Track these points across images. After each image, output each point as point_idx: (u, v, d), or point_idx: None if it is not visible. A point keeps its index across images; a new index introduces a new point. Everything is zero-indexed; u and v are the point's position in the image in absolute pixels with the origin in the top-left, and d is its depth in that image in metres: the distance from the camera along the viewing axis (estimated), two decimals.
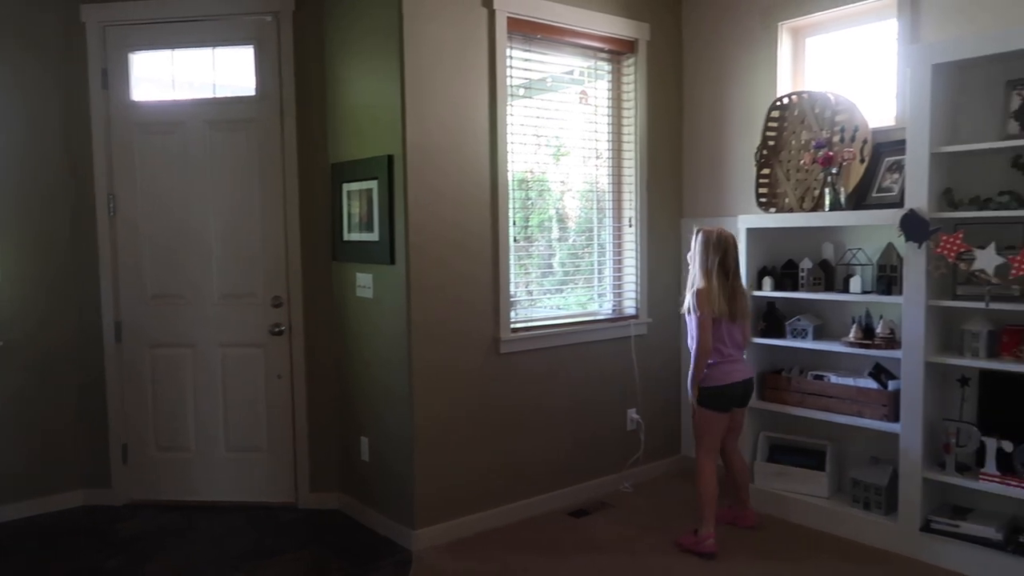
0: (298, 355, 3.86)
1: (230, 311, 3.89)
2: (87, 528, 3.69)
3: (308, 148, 3.79)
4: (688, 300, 3.34)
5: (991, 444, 3.01)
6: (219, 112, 3.82)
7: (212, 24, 3.78)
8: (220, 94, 3.86)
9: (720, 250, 3.29)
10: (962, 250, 3.00)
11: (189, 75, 3.89)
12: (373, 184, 3.46)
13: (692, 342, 3.37)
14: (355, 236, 3.64)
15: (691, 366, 3.35)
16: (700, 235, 3.36)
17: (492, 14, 3.48)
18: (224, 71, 3.86)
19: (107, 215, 3.87)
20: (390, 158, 3.35)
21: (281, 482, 3.94)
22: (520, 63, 3.69)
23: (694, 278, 3.35)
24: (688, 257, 3.46)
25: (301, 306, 3.84)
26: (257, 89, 3.79)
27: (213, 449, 3.96)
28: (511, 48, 3.61)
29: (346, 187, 3.67)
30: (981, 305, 2.99)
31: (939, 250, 3.05)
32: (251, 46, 3.78)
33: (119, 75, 3.83)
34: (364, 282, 3.60)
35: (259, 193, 3.82)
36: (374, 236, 3.49)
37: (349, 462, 3.83)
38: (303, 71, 3.75)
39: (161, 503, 3.96)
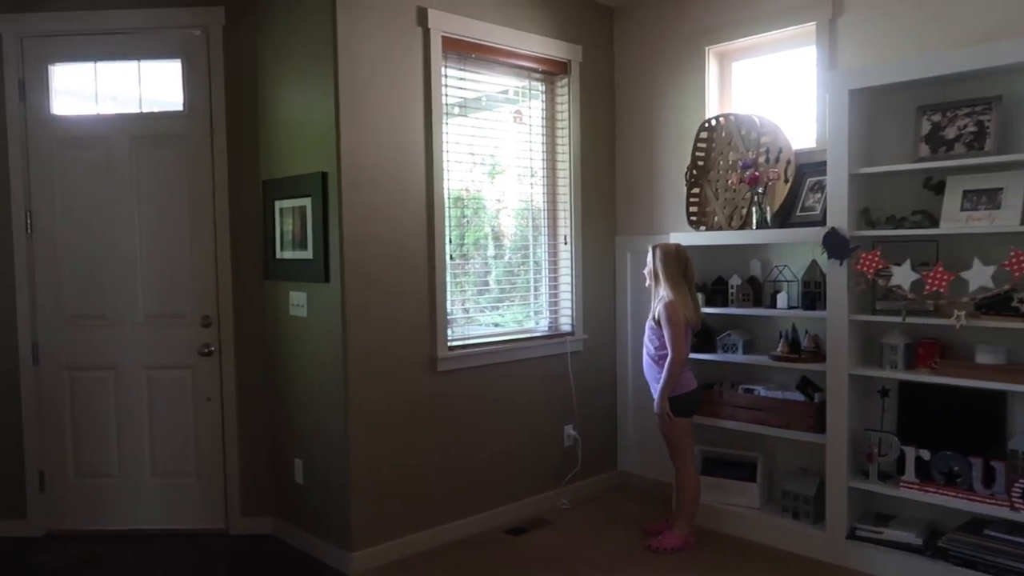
0: (228, 376, 3.76)
1: (156, 332, 3.77)
2: (0, 561, 3.50)
3: (239, 164, 3.71)
4: (657, 311, 3.44)
5: (910, 453, 3.14)
6: (145, 127, 3.71)
7: (138, 37, 3.68)
8: (146, 109, 3.75)
9: (682, 263, 3.49)
10: (880, 267, 3.14)
11: (113, 89, 3.77)
12: (307, 201, 3.42)
13: (655, 351, 3.50)
14: (288, 254, 3.57)
15: (664, 376, 3.44)
16: (659, 250, 3.51)
17: (427, 33, 3.49)
18: (151, 85, 3.76)
19: (24, 232, 3.70)
20: (324, 175, 3.31)
21: (211, 507, 3.81)
22: (455, 82, 3.71)
23: (662, 290, 3.47)
24: (645, 272, 3.60)
25: (232, 326, 3.75)
26: (185, 104, 3.71)
27: (138, 475, 3.81)
28: (446, 67, 3.63)
29: (279, 204, 3.61)
30: (898, 319, 3.13)
31: (859, 267, 3.19)
32: (179, 60, 3.69)
33: (38, 87, 3.69)
34: (298, 300, 3.54)
35: (188, 210, 3.73)
36: (308, 254, 3.44)
37: (283, 485, 3.74)
38: (234, 86, 3.69)
39: (83, 533, 3.78)
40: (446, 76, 3.63)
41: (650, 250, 3.56)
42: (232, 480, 3.79)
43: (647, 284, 3.62)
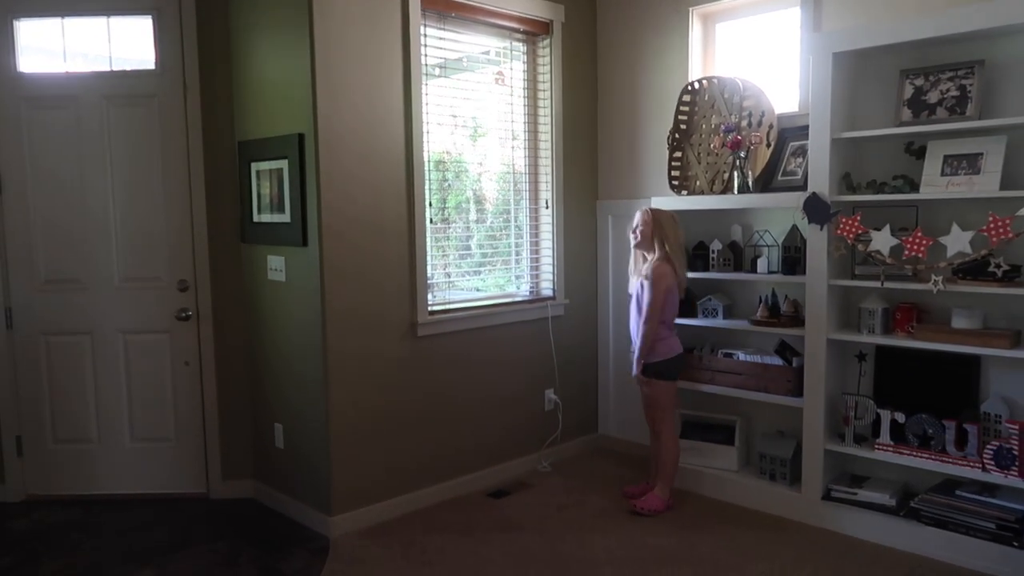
0: (207, 341, 3.73)
1: (132, 296, 3.72)
2: None
3: (213, 125, 3.63)
4: (649, 273, 3.43)
5: (885, 416, 3.18)
6: (117, 86, 3.62)
7: None
8: (117, 67, 3.65)
9: (675, 227, 3.49)
10: (860, 232, 3.15)
11: (83, 46, 3.66)
12: (283, 163, 3.35)
13: (641, 316, 3.47)
14: (265, 217, 3.52)
15: (641, 339, 3.47)
16: (651, 213, 3.48)
17: None
18: (121, 43, 3.65)
19: None
20: (300, 136, 3.25)
21: (191, 472, 3.81)
22: (435, 41, 3.63)
23: (655, 253, 3.46)
24: (638, 232, 3.51)
25: (209, 290, 3.70)
26: (157, 62, 3.61)
27: (117, 439, 3.79)
28: (425, 26, 3.55)
29: (255, 166, 3.54)
30: (877, 284, 3.14)
31: (839, 232, 3.19)
32: (150, 16, 3.58)
33: (3, 44, 3.57)
34: (276, 265, 3.50)
35: (162, 172, 3.65)
36: (285, 217, 3.39)
37: (263, 449, 3.74)
38: (207, 44, 3.59)
39: (62, 498, 3.77)
40: (425, 35, 3.55)
41: (646, 211, 3.50)
42: (212, 444, 3.78)
43: (635, 243, 3.54)
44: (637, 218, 3.53)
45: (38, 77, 3.63)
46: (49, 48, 3.66)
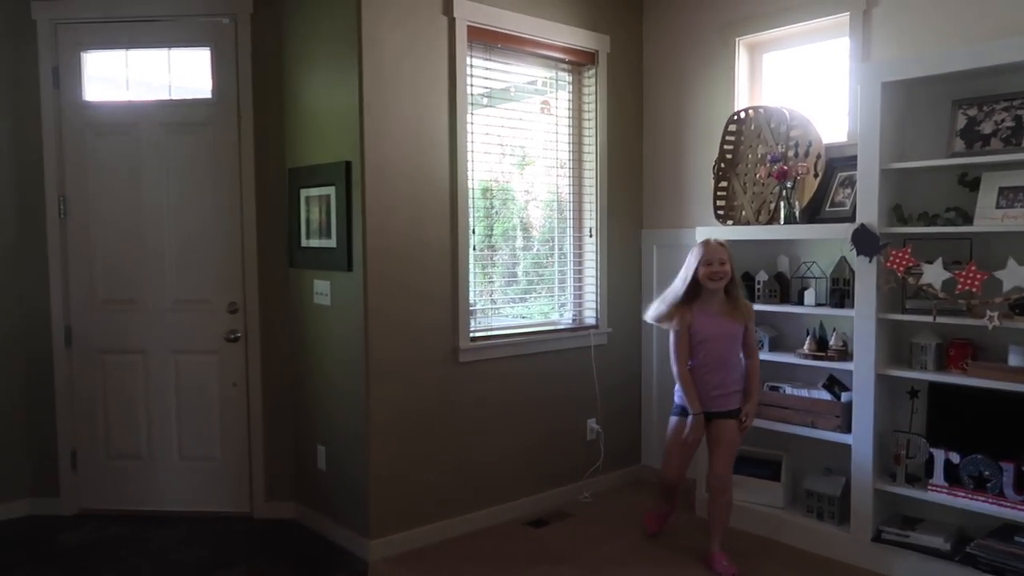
0: (254, 362, 3.80)
1: (184, 317, 3.83)
2: (28, 539, 3.59)
3: (265, 153, 3.74)
4: (750, 312, 3.35)
5: (939, 455, 3.06)
6: (174, 114, 3.76)
7: (168, 25, 3.72)
8: (176, 96, 3.80)
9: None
10: (910, 265, 3.06)
11: (144, 76, 3.82)
12: (331, 190, 3.43)
13: (738, 356, 3.35)
14: (313, 242, 3.60)
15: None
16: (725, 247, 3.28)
17: (452, 23, 3.48)
18: (180, 73, 3.80)
19: (57, 217, 3.78)
20: (348, 164, 3.32)
21: (236, 491, 3.87)
22: (481, 72, 3.69)
23: (736, 291, 3.34)
24: (725, 269, 3.26)
25: (257, 312, 3.79)
26: (214, 92, 3.74)
27: (166, 457, 3.88)
28: (471, 57, 3.61)
29: (304, 193, 3.63)
30: (929, 319, 3.04)
31: (889, 264, 3.11)
32: (208, 48, 3.73)
33: (71, 74, 3.75)
34: (322, 289, 3.57)
35: (215, 197, 3.77)
36: (332, 243, 3.46)
37: (305, 471, 3.78)
38: (261, 75, 3.71)
39: (111, 512, 3.86)
40: (471, 66, 3.61)
41: (722, 246, 3.28)
42: (256, 465, 3.84)
43: (716, 284, 3.25)
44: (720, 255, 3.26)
45: (102, 105, 3.80)
46: (113, 77, 3.83)
